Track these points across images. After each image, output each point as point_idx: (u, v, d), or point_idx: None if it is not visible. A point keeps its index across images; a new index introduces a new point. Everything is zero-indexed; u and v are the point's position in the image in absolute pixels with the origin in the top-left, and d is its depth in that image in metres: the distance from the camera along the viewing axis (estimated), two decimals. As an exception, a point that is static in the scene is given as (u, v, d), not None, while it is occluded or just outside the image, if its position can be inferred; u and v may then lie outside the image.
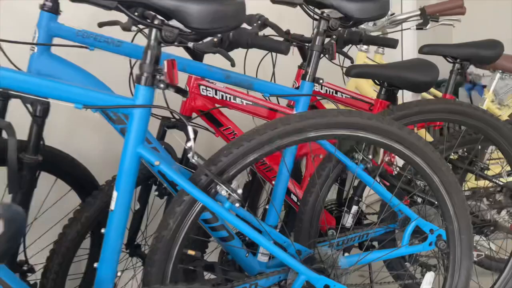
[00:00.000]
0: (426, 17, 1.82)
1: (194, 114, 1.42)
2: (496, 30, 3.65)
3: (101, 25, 1.31)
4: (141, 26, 1.20)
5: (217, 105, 1.42)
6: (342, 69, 1.80)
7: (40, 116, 1.03)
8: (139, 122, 0.85)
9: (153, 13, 0.83)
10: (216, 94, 1.39)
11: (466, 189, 1.87)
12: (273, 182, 1.34)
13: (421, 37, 2.78)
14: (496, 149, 1.55)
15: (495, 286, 1.51)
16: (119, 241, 0.88)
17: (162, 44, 0.83)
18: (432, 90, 2.16)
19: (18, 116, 1.06)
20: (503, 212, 2.03)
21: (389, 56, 2.28)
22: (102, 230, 0.89)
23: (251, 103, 1.40)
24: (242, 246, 1.20)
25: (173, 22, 0.84)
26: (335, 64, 1.60)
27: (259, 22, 1.49)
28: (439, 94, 2.12)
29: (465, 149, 1.64)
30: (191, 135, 0.85)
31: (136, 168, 0.87)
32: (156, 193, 1.39)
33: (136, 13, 0.84)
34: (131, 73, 1.27)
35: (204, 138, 1.40)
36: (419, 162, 1.05)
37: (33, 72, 1.04)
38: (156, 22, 0.82)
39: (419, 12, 1.82)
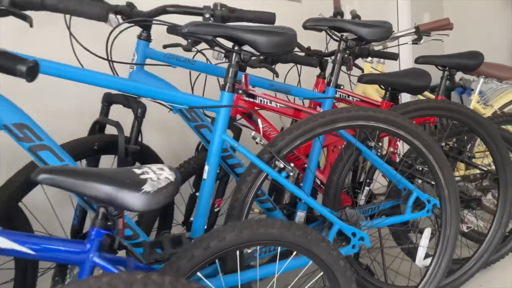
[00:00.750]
0: (420, 33, 2.21)
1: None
2: (482, 40, 4.07)
3: (165, 46, 1.69)
4: (199, 48, 1.58)
5: (256, 108, 1.80)
6: (350, 78, 2.19)
7: (140, 116, 1.40)
8: (224, 117, 1.23)
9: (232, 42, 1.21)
10: (255, 99, 1.77)
11: (457, 175, 2.25)
12: (305, 166, 1.72)
13: (416, 48, 3.17)
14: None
15: (479, 250, 1.87)
16: (209, 201, 1.25)
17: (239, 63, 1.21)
18: (426, 93, 2.54)
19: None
20: (489, 195, 2.42)
21: (388, 65, 2.68)
22: (197, 194, 1.26)
23: (283, 105, 1.77)
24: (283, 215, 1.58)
25: (246, 47, 1.22)
26: (345, 73, 1.98)
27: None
28: (432, 96, 2.50)
29: (454, 141, 2.03)
30: (260, 125, 1.23)
31: (221, 149, 1.25)
32: (211, 178, 1.76)
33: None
34: (193, 86, 1.66)
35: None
36: (418, 144, 1.43)
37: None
38: (236, 48, 1.20)
39: (414, 30, 2.22)
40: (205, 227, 1.67)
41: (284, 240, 1.05)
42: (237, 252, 1.05)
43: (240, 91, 1.21)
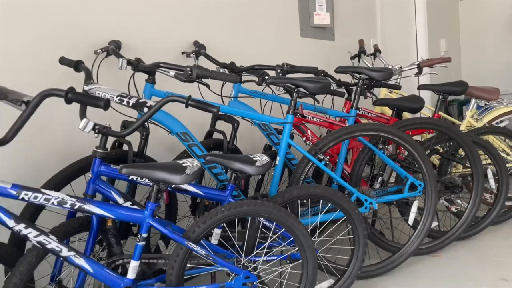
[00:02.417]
0: (421, 68, 3.05)
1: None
2: (495, 65, 4.73)
3: (244, 81, 2.62)
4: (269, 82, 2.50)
5: (303, 122, 2.70)
6: (372, 99, 3.05)
7: (235, 128, 2.33)
8: (289, 128, 2.13)
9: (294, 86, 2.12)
10: (306, 117, 2.66)
11: (458, 171, 3.05)
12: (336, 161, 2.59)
13: (433, 76, 3.92)
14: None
15: (459, 221, 2.67)
16: (279, 177, 2.15)
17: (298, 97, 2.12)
18: (430, 107, 3.36)
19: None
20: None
21: (408, 89, 3.52)
22: (271, 172, 2.17)
23: (321, 120, 2.67)
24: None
25: (301, 89, 2.12)
26: (367, 97, 2.86)
27: (322, 74, 2.79)
28: (433, 109, 3.31)
29: (448, 146, 2.84)
30: (309, 133, 2.12)
31: (286, 147, 2.15)
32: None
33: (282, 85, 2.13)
34: (262, 109, 2.58)
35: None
36: (407, 146, 2.28)
37: (230, 109, 2.36)
38: (296, 89, 2.11)
39: (416, 66, 3.06)
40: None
41: (324, 196, 1.93)
42: (298, 202, 1.94)
43: (298, 114, 2.11)
